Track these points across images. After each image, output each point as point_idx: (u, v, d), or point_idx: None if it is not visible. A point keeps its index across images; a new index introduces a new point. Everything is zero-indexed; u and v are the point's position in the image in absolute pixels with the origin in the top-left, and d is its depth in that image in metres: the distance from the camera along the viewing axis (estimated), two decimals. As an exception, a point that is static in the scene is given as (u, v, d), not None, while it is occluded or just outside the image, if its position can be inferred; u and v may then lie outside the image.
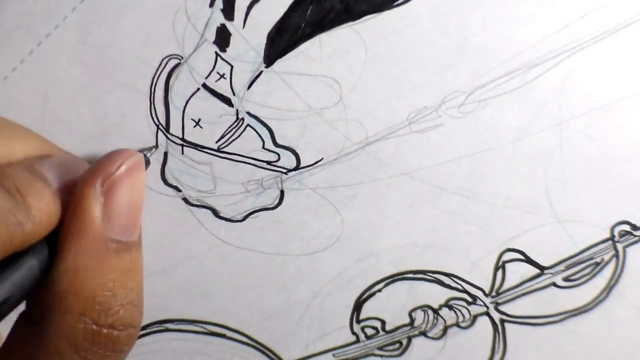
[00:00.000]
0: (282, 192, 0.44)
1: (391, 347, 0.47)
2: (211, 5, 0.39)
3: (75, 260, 0.29)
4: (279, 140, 0.42)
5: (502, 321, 0.47)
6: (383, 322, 0.47)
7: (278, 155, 0.43)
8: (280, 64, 0.41)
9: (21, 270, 0.29)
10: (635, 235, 0.45)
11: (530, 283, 0.46)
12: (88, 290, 0.29)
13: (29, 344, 0.30)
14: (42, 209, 0.29)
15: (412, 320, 0.47)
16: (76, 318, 0.29)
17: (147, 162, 0.39)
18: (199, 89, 0.41)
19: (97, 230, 0.30)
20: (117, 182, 0.31)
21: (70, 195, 0.30)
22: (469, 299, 0.46)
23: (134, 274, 0.32)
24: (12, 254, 0.28)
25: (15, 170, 0.30)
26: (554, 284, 0.46)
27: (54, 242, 0.30)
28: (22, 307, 0.31)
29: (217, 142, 0.42)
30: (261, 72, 0.41)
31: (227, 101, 0.41)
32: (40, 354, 0.29)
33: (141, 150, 0.41)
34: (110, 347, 0.30)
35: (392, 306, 0.47)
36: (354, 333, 0.47)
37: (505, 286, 0.46)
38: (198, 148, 0.42)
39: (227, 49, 0.40)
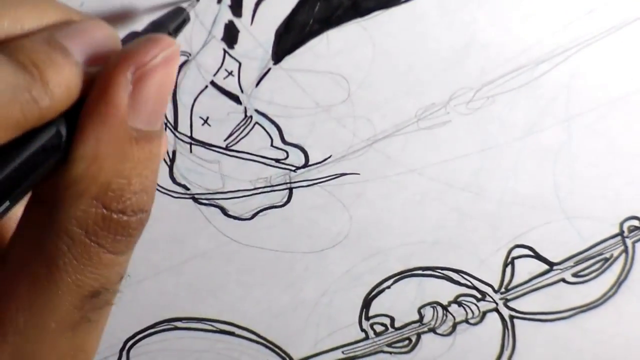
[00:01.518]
0: (290, 189, 0.43)
1: (400, 344, 0.47)
2: (219, 1, 0.39)
3: (95, 147, 0.28)
4: (287, 138, 0.42)
5: (512, 317, 0.47)
6: (392, 319, 0.47)
7: (286, 152, 0.43)
8: (288, 60, 0.41)
9: (38, 147, 0.28)
10: (644, 231, 0.45)
11: (539, 279, 0.46)
12: (104, 177, 0.29)
13: (40, 227, 0.29)
14: (61, 83, 0.27)
15: (421, 316, 0.47)
16: (88, 202, 0.29)
17: (187, 19, 0.37)
18: (207, 86, 0.41)
19: (122, 118, 0.28)
20: (149, 72, 0.29)
21: (96, 68, 0.29)
22: (478, 296, 0.46)
23: (151, 162, 0.30)
24: (29, 131, 0.27)
25: (31, 42, 0.28)
26: (563, 280, 0.46)
27: (73, 120, 0.29)
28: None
29: (225, 140, 0.42)
30: (269, 69, 0.41)
31: (236, 99, 0.41)
32: (51, 235, 0.29)
33: (180, 2, 0.39)
34: (120, 231, 0.30)
35: (401, 303, 0.46)
36: (363, 330, 0.47)
37: (514, 282, 0.46)
38: (206, 146, 0.42)
39: (235, 46, 0.40)
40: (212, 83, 0.41)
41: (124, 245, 0.31)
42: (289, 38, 0.40)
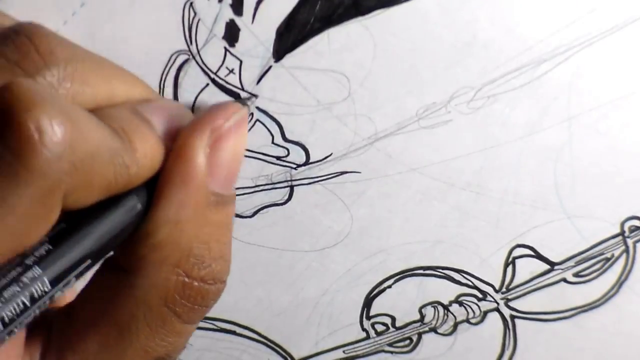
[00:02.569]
0: (291, 187, 0.43)
1: (401, 344, 0.47)
2: (220, 0, 0.39)
3: (177, 211, 0.28)
4: (289, 136, 0.42)
5: (512, 317, 0.47)
6: (393, 319, 0.47)
7: (287, 150, 0.43)
8: (289, 59, 0.41)
9: (122, 213, 0.28)
10: (645, 231, 0.45)
11: (541, 279, 0.46)
12: (185, 243, 0.29)
13: (114, 291, 0.29)
14: (147, 153, 0.28)
15: (422, 316, 0.47)
16: (170, 269, 0.29)
17: (250, 114, 0.38)
18: (208, 84, 0.41)
19: (201, 181, 0.29)
20: (224, 135, 0.30)
21: (172, 143, 0.29)
22: (479, 295, 0.46)
23: (227, 228, 0.31)
24: (113, 197, 0.27)
25: (120, 112, 0.29)
26: (564, 280, 0.46)
27: (152, 189, 0.29)
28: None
29: (226, 138, 0.42)
30: (270, 67, 0.41)
31: (237, 96, 0.41)
32: (127, 303, 0.29)
33: (242, 101, 0.40)
34: (198, 300, 0.30)
35: (402, 302, 0.46)
36: (364, 329, 0.47)
37: (515, 282, 0.46)
38: (207, 144, 0.42)
39: (236, 44, 0.40)
40: (213, 81, 0.41)
41: (198, 315, 0.31)
42: (290, 36, 0.40)
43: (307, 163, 0.43)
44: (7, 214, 0.24)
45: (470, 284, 0.46)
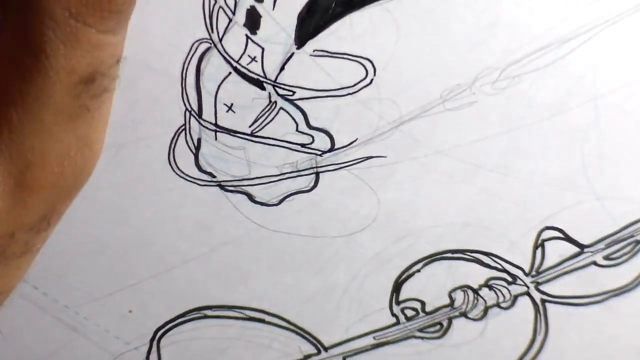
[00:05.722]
0: (317, 174, 0.43)
1: (432, 329, 0.47)
2: (240, -14, 0.39)
3: None
4: (313, 122, 0.42)
5: (543, 301, 0.46)
6: (423, 303, 0.47)
7: (312, 137, 0.42)
8: (311, 44, 0.40)
9: None
10: (676, 210, 0.44)
11: (570, 262, 0.45)
12: None
13: (20, 11, 0.27)
14: None
15: (452, 300, 0.46)
16: None
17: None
18: (230, 72, 0.41)
19: None
20: None
21: None
22: (509, 279, 0.46)
23: None
24: None
25: None
26: (595, 263, 0.45)
27: None
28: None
29: (250, 126, 0.42)
30: (292, 53, 0.41)
31: (259, 84, 0.41)
32: (34, 20, 0.27)
33: None
34: (105, 6, 0.28)
35: (431, 287, 0.46)
36: (394, 315, 0.47)
37: (545, 265, 0.46)
38: (231, 133, 0.42)
39: (258, 31, 0.40)
40: (235, 69, 0.41)
41: (114, 23, 0.29)
42: (312, 22, 0.40)
43: (332, 149, 0.43)
44: None
45: (500, 267, 0.46)
